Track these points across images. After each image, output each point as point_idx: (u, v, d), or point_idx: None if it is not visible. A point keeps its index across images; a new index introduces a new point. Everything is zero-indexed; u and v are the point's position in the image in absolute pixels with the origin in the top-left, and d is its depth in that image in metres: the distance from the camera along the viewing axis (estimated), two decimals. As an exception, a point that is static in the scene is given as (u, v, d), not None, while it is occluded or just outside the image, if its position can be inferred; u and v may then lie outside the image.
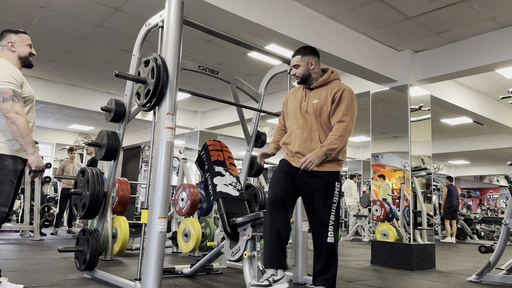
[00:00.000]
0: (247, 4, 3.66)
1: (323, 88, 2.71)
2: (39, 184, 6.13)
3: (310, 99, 2.68)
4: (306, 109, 2.65)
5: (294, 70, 2.76)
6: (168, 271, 3.43)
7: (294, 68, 2.76)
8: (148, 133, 11.11)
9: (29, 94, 2.49)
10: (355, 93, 2.86)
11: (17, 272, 3.26)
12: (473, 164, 16.35)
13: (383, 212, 5.60)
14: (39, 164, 2.44)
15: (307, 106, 2.66)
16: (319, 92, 2.69)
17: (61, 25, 5.02)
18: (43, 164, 2.49)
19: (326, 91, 2.68)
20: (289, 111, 2.77)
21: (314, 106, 2.63)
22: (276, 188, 2.59)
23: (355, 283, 3.49)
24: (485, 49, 4.58)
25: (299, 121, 2.67)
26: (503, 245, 3.75)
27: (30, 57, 2.58)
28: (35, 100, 2.61)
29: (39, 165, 2.44)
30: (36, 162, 2.43)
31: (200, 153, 3.40)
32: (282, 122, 2.90)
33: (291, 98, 2.81)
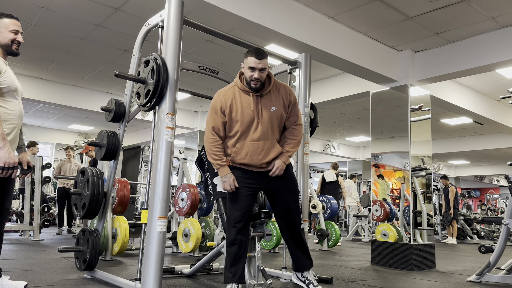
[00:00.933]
0: (247, 4, 3.66)
1: (272, 92, 2.65)
2: (39, 184, 6.13)
3: (264, 106, 2.57)
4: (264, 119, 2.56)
5: (258, 74, 2.52)
6: (168, 271, 3.43)
7: (260, 71, 2.53)
8: (148, 133, 11.10)
9: (9, 84, 2.33)
10: (355, 93, 2.87)
11: (17, 272, 3.26)
12: (473, 164, 16.35)
13: (383, 212, 5.60)
14: (7, 160, 2.19)
15: (265, 114, 2.56)
16: (270, 98, 2.62)
17: (61, 25, 5.02)
18: (14, 160, 2.24)
19: (279, 96, 2.64)
20: (241, 119, 2.54)
21: (273, 114, 2.59)
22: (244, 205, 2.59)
23: (355, 283, 3.49)
24: (485, 49, 4.58)
25: (255, 133, 2.56)
26: (503, 245, 3.75)
27: (14, 44, 2.39)
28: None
29: (7, 161, 2.20)
30: (4, 158, 2.19)
31: (200, 153, 3.40)
32: (221, 133, 2.58)
33: (234, 105, 2.56)
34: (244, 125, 2.57)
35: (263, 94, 2.63)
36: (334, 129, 10.59)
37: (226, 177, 2.58)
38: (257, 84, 2.57)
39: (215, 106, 2.60)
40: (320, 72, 6.39)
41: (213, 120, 2.60)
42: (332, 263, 4.79)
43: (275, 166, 2.60)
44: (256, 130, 2.58)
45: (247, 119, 2.57)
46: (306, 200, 3.42)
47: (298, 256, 2.83)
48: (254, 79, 2.55)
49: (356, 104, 7.95)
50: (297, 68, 3.65)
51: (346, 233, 10.03)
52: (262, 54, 2.57)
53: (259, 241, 2.75)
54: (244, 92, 2.61)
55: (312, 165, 15.44)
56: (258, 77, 2.54)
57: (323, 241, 6.41)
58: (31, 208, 6.02)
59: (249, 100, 2.59)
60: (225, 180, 2.58)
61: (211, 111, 2.63)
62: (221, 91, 2.66)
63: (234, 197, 2.64)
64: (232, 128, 2.60)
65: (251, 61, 2.54)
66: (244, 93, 2.61)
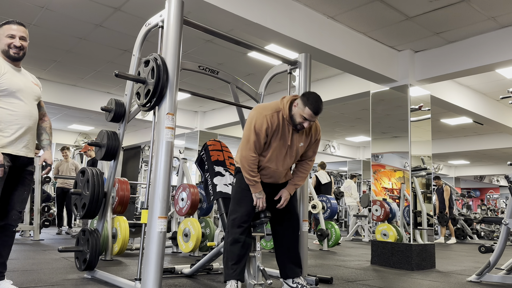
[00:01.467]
0: (247, 4, 3.66)
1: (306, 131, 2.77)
2: (39, 184, 6.13)
3: (296, 141, 2.71)
4: (292, 152, 2.71)
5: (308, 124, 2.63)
6: (168, 271, 3.43)
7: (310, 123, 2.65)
8: (148, 133, 11.10)
9: (7, 86, 2.37)
10: (355, 93, 2.91)
11: (17, 272, 3.26)
12: (473, 164, 16.35)
13: (383, 212, 5.60)
14: None
15: (294, 148, 2.70)
16: (302, 134, 2.74)
17: (61, 25, 5.02)
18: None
19: (309, 133, 2.78)
20: (277, 148, 2.65)
21: (300, 148, 2.74)
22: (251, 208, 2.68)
23: (355, 283, 3.49)
24: (485, 49, 4.58)
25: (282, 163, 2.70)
26: (503, 245, 3.75)
27: (11, 49, 2.42)
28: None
29: None
30: None
31: (200, 153, 3.40)
32: (258, 151, 2.65)
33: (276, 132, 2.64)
34: (276, 153, 2.69)
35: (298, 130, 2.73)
36: (334, 129, 10.59)
37: (260, 194, 2.68)
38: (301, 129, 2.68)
39: (261, 126, 2.60)
40: (320, 72, 6.39)
41: (256, 138, 2.61)
42: (332, 263, 4.79)
43: (283, 198, 2.77)
44: (283, 160, 2.72)
45: (282, 149, 2.69)
46: (306, 200, 3.42)
47: (290, 263, 2.84)
48: (302, 126, 2.64)
49: (356, 104, 7.95)
50: (297, 68, 3.65)
51: (346, 233, 10.03)
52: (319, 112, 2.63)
53: (259, 241, 2.75)
54: (287, 121, 2.67)
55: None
56: (307, 126, 2.65)
57: (323, 241, 6.41)
58: (31, 208, 6.01)
59: (288, 133, 2.69)
60: (259, 197, 2.68)
61: (254, 129, 2.60)
62: (266, 111, 2.65)
63: (243, 198, 2.69)
64: (264, 150, 2.68)
65: (308, 113, 2.58)
66: (286, 123, 2.67)
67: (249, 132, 2.62)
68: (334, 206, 6.78)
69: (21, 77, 2.50)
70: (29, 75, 2.58)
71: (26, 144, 2.46)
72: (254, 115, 2.65)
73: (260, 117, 2.62)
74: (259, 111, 2.66)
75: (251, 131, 2.61)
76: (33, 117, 2.49)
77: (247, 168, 2.63)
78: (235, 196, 2.74)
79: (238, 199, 2.70)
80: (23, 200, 2.51)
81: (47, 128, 2.68)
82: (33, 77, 2.61)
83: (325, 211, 6.71)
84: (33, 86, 2.54)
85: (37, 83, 2.60)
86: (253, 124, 2.61)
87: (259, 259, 2.69)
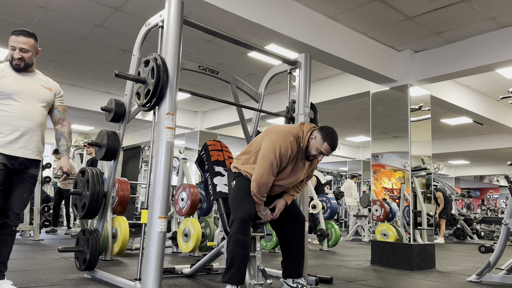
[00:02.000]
0: (247, 4, 3.66)
1: None
2: (39, 184, 6.13)
3: (302, 167, 2.80)
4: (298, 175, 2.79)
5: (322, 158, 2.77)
6: (168, 271, 3.43)
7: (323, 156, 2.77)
8: (148, 133, 11.10)
9: (3, 89, 2.41)
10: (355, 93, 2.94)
11: (17, 272, 3.26)
12: (473, 164, 16.35)
13: (383, 212, 5.60)
14: None
15: (300, 172, 2.80)
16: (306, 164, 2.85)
17: (61, 25, 5.02)
18: None
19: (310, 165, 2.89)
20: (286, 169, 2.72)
21: (302, 172, 2.83)
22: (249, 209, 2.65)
23: (355, 283, 3.49)
24: (485, 49, 4.58)
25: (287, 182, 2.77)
26: (503, 245, 3.75)
27: (13, 60, 2.48)
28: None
29: None
30: None
31: (200, 153, 3.40)
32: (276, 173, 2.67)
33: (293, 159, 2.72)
34: (286, 175, 2.74)
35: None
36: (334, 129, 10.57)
37: (266, 211, 2.75)
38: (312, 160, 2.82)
39: (286, 152, 2.63)
40: (320, 72, 6.39)
41: (276, 161, 2.61)
42: (332, 263, 4.79)
43: (277, 208, 2.79)
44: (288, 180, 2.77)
45: (291, 172, 2.75)
46: (306, 200, 3.42)
47: (296, 262, 2.85)
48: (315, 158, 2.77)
49: (356, 104, 7.95)
50: (297, 68, 3.65)
51: (346, 233, 10.03)
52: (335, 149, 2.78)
53: (259, 241, 2.75)
54: (300, 148, 2.74)
55: (312, 165, 15.40)
56: (320, 160, 2.79)
57: (323, 241, 6.41)
58: (31, 208, 6.01)
59: (300, 159, 2.77)
60: (266, 214, 2.74)
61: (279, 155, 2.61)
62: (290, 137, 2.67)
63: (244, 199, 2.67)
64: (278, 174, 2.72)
65: (326, 148, 2.70)
66: (299, 149, 2.74)
67: (272, 156, 2.59)
68: (334, 206, 6.78)
69: (26, 80, 2.52)
70: (42, 80, 2.61)
71: (25, 145, 2.45)
72: (278, 139, 2.63)
73: (285, 143, 2.63)
74: (283, 136, 2.65)
75: (275, 156, 2.59)
76: (32, 119, 2.48)
77: (263, 189, 2.62)
78: (235, 197, 2.72)
79: (239, 199, 2.69)
80: (21, 202, 2.49)
81: (65, 133, 2.68)
82: (47, 82, 2.63)
83: (325, 211, 6.71)
84: (40, 89, 2.55)
85: (49, 87, 2.61)
86: (278, 149, 2.60)
87: (259, 259, 2.69)
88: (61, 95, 2.72)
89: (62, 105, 2.71)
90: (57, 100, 2.67)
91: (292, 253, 2.84)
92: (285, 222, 2.84)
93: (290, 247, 2.84)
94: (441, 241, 9.42)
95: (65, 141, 2.66)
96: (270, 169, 2.59)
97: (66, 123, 2.69)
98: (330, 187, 15.20)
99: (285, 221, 2.84)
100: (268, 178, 2.60)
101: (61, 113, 2.69)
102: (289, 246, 2.85)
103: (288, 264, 2.86)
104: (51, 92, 2.61)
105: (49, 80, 2.66)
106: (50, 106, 2.64)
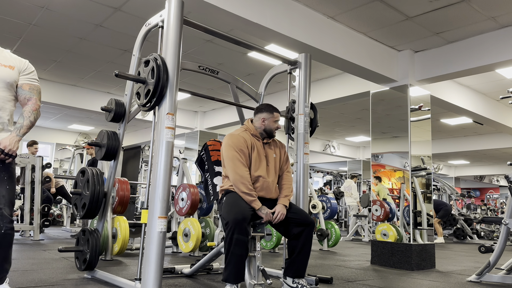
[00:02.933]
0: (247, 4, 3.66)
1: (272, 144, 3.07)
2: (39, 184, 6.13)
3: (269, 153, 2.98)
4: (272, 163, 2.95)
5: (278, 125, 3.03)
6: (168, 271, 3.43)
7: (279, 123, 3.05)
8: (148, 133, 11.10)
9: None
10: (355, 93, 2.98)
11: (17, 272, 3.26)
12: (473, 164, 16.35)
13: (383, 212, 5.60)
14: None
15: (270, 157, 2.96)
16: (270, 146, 3.03)
17: (61, 25, 5.02)
18: None
19: (277, 148, 3.07)
20: (252, 157, 2.86)
21: (276, 159, 3.00)
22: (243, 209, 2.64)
23: (355, 283, 3.49)
24: (485, 49, 4.58)
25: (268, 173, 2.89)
26: (503, 245, 3.75)
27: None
28: None
29: None
30: None
31: (200, 153, 3.40)
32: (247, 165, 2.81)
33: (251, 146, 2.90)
34: (258, 163, 2.87)
35: (267, 142, 3.03)
36: (334, 129, 10.59)
37: (264, 209, 2.74)
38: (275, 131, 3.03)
39: (238, 142, 2.84)
40: (320, 72, 6.39)
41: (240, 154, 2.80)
42: (332, 263, 4.79)
43: (279, 212, 2.78)
44: (267, 169, 2.91)
45: (261, 160, 2.91)
46: (306, 200, 3.42)
47: (301, 262, 2.84)
48: (276, 128, 3.02)
49: (356, 104, 7.95)
50: (297, 68, 3.65)
51: (346, 233, 10.03)
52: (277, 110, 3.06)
53: (259, 241, 2.75)
54: (255, 137, 2.97)
55: (312, 165, 15.44)
56: (280, 126, 3.06)
57: (323, 241, 6.41)
58: (31, 208, 6.01)
59: (260, 144, 2.97)
60: (266, 212, 2.74)
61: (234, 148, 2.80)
62: (235, 134, 2.94)
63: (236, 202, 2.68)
64: (250, 166, 2.86)
65: (277, 116, 3.01)
66: (255, 139, 2.97)
67: (231, 152, 2.79)
68: (334, 206, 6.78)
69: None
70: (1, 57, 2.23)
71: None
72: (227, 140, 2.89)
73: (235, 138, 2.88)
74: (228, 137, 2.92)
75: (233, 150, 2.80)
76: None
77: (246, 183, 2.71)
78: (227, 207, 2.69)
79: (230, 205, 2.68)
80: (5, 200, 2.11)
81: (25, 111, 2.22)
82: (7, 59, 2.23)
83: (325, 211, 6.72)
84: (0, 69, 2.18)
85: (9, 65, 2.21)
86: (231, 145, 2.82)
87: (259, 259, 2.69)
88: (29, 72, 2.29)
89: (31, 83, 2.28)
90: (22, 78, 2.25)
91: (298, 254, 2.83)
92: (293, 228, 2.81)
93: (296, 248, 2.83)
94: (441, 241, 9.43)
95: (21, 119, 2.20)
96: (238, 162, 2.76)
97: (31, 102, 2.25)
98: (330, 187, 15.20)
99: (294, 227, 2.81)
100: (241, 170, 2.74)
101: (27, 92, 2.25)
102: (295, 247, 2.83)
103: (292, 262, 2.86)
104: (11, 70, 2.21)
105: (13, 57, 2.28)
106: (14, 87, 2.22)
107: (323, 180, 17.44)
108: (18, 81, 2.25)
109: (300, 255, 2.83)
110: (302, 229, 2.80)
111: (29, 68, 2.31)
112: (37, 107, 2.27)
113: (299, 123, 3.52)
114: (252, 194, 2.71)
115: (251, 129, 2.99)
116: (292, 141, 3.63)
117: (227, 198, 2.78)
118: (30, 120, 2.22)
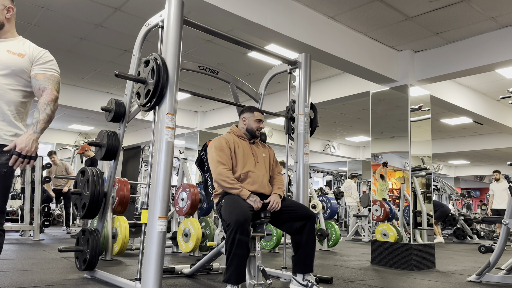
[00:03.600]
0: (247, 4, 3.66)
1: (260, 144, 3.20)
2: (39, 184, 6.13)
3: (257, 152, 3.09)
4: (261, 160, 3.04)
5: (262, 124, 3.12)
6: (168, 271, 3.43)
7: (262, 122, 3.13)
8: (148, 133, 11.11)
9: None
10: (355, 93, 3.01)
11: (17, 272, 3.26)
12: (473, 164, 16.35)
13: (383, 212, 5.60)
14: None
15: (261, 157, 3.07)
16: (258, 146, 3.14)
17: (61, 25, 5.02)
18: None
19: (265, 149, 3.18)
20: (238, 154, 2.95)
21: (265, 158, 3.11)
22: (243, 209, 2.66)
23: (355, 283, 3.49)
24: (485, 49, 4.58)
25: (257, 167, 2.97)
26: (503, 245, 3.75)
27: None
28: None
29: None
30: None
31: (200, 153, 3.40)
32: (229, 165, 2.88)
33: (236, 145, 3.00)
34: (245, 159, 2.95)
35: (253, 142, 3.14)
36: (334, 129, 10.59)
37: (252, 197, 2.78)
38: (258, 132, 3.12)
39: (220, 143, 2.93)
40: (320, 72, 6.39)
41: (221, 154, 2.88)
42: (332, 263, 4.79)
43: (274, 201, 2.85)
44: (255, 164, 2.98)
45: (249, 156, 2.99)
46: (306, 200, 3.42)
47: (307, 256, 2.86)
48: (260, 128, 3.11)
49: (356, 104, 7.95)
50: (297, 68, 3.65)
51: (346, 233, 10.03)
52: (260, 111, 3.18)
53: (259, 241, 2.75)
54: (240, 138, 3.08)
55: (312, 165, 15.45)
56: (262, 125, 3.13)
57: (323, 241, 6.41)
58: (31, 208, 6.02)
59: (246, 144, 3.07)
60: (253, 199, 2.77)
61: (216, 149, 2.90)
62: (218, 137, 3.04)
63: (236, 202, 2.69)
64: (235, 162, 2.93)
65: (258, 115, 3.11)
66: (240, 139, 3.07)
67: (213, 154, 2.89)
68: (334, 206, 6.78)
69: None
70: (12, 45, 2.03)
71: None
72: (210, 144, 3.01)
73: (214, 141, 2.98)
74: (212, 141, 3.03)
75: (215, 151, 2.89)
76: None
77: (228, 180, 2.78)
78: (227, 209, 2.70)
79: (231, 207, 2.69)
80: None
81: (40, 104, 1.99)
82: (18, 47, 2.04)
83: (325, 211, 6.72)
84: (5, 55, 1.98)
85: (19, 52, 2.01)
86: (214, 147, 2.92)
87: (259, 259, 2.69)
88: (45, 62, 2.07)
89: (46, 73, 2.05)
90: (36, 68, 2.03)
91: (303, 248, 2.86)
92: (295, 222, 2.84)
93: (301, 243, 2.86)
94: (441, 240, 9.44)
95: (37, 113, 1.98)
96: (217, 162, 2.85)
97: (46, 92, 2.01)
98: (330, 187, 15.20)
99: (295, 221, 2.84)
100: (219, 168, 2.82)
101: (41, 82, 2.03)
102: (300, 242, 2.86)
103: (299, 258, 2.87)
104: (19, 57, 2.00)
105: (26, 44, 2.07)
106: (23, 76, 2.01)
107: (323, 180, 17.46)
108: (31, 71, 2.03)
109: (306, 248, 2.85)
110: (304, 223, 2.83)
111: (45, 57, 2.08)
112: (53, 97, 2.02)
113: (299, 123, 3.53)
114: (236, 186, 2.77)
115: (236, 131, 3.11)
116: (292, 141, 3.63)
117: (226, 199, 2.78)
118: (46, 113, 1.97)
